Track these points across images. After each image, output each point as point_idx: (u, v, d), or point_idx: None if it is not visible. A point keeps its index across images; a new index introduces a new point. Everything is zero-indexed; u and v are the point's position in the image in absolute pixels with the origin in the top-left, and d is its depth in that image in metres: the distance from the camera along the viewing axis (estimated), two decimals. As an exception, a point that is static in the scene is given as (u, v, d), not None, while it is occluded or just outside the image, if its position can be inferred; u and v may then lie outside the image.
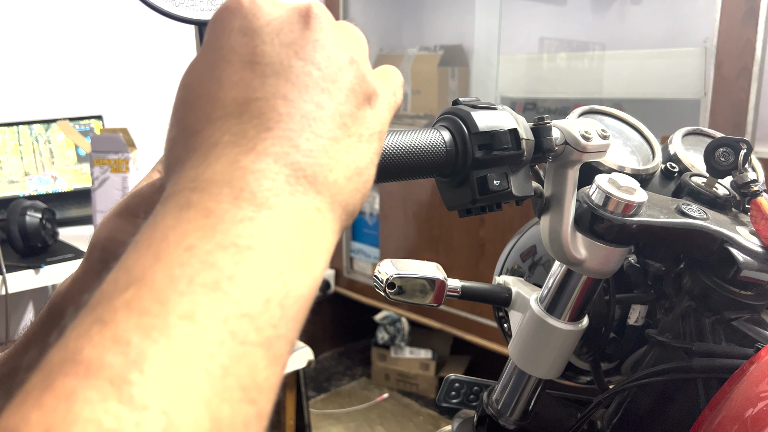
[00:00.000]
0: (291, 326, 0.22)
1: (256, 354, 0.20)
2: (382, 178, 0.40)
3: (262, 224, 0.22)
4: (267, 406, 0.21)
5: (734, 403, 0.46)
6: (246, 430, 0.20)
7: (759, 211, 0.51)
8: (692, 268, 0.54)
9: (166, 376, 0.18)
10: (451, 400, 0.71)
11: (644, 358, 0.58)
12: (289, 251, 0.23)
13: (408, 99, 2.54)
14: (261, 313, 0.21)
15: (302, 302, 0.23)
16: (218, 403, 0.19)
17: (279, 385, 0.22)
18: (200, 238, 0.21)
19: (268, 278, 0.22)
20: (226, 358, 0.19)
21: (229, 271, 0.21)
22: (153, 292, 0.20)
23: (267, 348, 0.21)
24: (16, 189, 1.87)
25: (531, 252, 0.68)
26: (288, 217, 0.23)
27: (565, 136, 0.48)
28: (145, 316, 0.19)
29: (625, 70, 1.98)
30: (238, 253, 0.21)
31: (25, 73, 1.92)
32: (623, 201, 0.49)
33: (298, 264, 0.23)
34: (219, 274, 0.21)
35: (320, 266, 0.25)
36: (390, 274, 0.56)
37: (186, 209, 0.22)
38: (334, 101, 0.26)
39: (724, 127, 1.63)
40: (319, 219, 0.25)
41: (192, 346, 0.19)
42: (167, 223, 0.22)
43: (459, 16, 2.55)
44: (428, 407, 2.53)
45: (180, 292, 0.20)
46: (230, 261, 0.21)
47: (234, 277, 0.21)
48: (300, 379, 2.24)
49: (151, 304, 0.19)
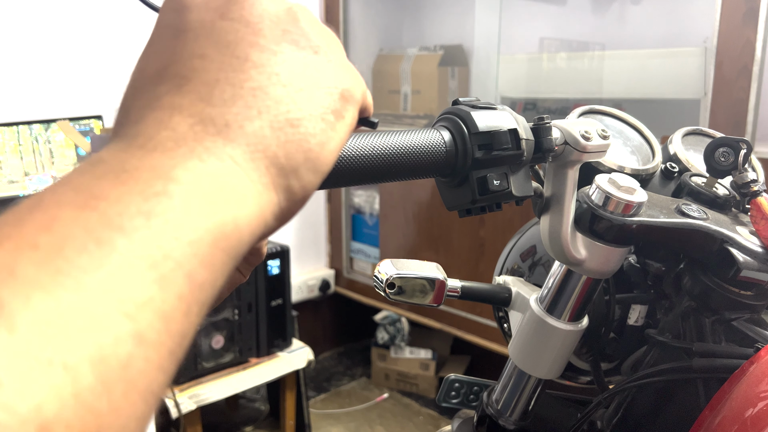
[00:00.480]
0: (185, 272, 0.21)
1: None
2: (382, 179, 0.40)
3: (151, 163, 0.22)
4: (150, 331, 0.20)
5: (734, 403, 0.46)
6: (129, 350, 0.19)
7: (759, 211, 0.51)
8: (692, 268, 0.54)
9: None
10: (451, 400, 0.71)
11: (644, 358, 0.58)
12: (183, 194, 0.22)
13: (408, 99, 2.54)
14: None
15: (195, 249, 0.21)
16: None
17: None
18: (88, 178, 0.21)
19: (153, 220, 0.21)
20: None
21: (106, 197, 0.21)
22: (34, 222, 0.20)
23: (157, 299, 0.20)
24: (16, 189, 1.87)
25: (531, 252, 0.68)
26: (186, 161, 0.23)
27: (565, 136, 0.48)
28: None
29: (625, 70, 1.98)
30: (116, 186, 0.21)
31: (25, 73, 1.92)
32: (623, 201, 0.49)
33: (192, 209, 0.22)
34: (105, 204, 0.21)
35: (228, 216, 0.23)
36: (390, 274, 0.56)
37: (87, 165, 0.23)
38: (265, 53, 0.26)
39: (724, 127, 1.63)
40: (231, 168, 0.24)
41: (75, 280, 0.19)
42: (74, 173, 0.22)
43: (459, 16, 2.55)
44: (428, 407, 2.53)
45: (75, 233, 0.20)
46: (104, 191, 0.21)
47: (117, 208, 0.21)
48: (300, 379, 2.24)
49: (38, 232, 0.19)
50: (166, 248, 0.21)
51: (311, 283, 2.75)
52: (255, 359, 2.07)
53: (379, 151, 0.39)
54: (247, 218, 0.24)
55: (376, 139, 0.39)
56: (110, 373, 0.18)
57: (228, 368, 2.00)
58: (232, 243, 0.23)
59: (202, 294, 0.22)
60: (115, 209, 0.20)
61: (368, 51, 2.68)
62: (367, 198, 2.66)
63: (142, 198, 0.21)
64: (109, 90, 2.05)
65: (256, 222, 0.24)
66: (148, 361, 0.19)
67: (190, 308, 0.21)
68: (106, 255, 0.19)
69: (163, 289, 0.20)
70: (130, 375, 0.19)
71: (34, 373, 0.17)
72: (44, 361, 0.17)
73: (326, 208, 2.82)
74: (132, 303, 0.19)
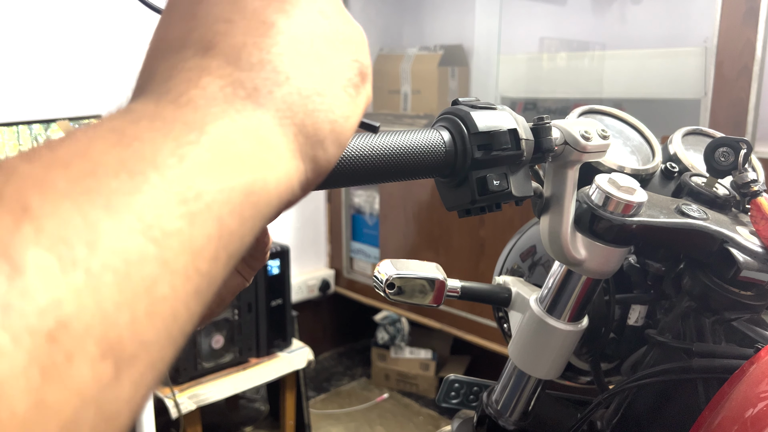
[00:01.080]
0: (205, 228, 0.21)
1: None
2: (382, 179, 0.40)
3: (184, 116, 0.22)
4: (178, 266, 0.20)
5: (734, 403, 0.45)
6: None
7: (759, 211, 0.51)
8: (692, 268, 0.54)
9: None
10: (451, 401, 0.71)
11: (644, 358, 0.58)
12: (216, 146, 0.22)
13: (408, 99, 2.54)
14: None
15: (225, 197, 0.22)
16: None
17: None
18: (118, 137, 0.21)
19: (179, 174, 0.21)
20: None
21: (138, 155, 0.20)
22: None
23: (165, 261, 0.20)
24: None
25: (531, 252, 0.68)
26: (218, 119, 0.23)
27: (565, 136, 0.48)
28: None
29: (625, 70, 1.98)
30: (150, 131, 0.21)
31: (25, 73, 1.92)
32: (623, 201, 0.49)
33: (224, 161, 0.22)
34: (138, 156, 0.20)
35: (258, 174, 0.23)
36: (390, 275, 0.56)
37: (118, 113, 0.23)
38: (291, 19, 0.26)
39: (724, 127, 1.63)
40: (261, 130, 0.24)
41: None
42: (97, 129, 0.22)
43: (459, 16, 2.55)
44: (428, 407, 2.52)
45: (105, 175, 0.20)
46: (138, 133, 0.21)
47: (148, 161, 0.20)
48: (300, 379, 2.24)
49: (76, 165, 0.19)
50: (198, 188, 0.21)
51: (311, 283, 2.75)
52: (255, 359, 2.07)
53: (379, 152, 0.39)
54: (276, 181, 0.24)
55: (376, 139, 0.39)
56: (133, 289, 0.18)
57: (228, 368, 2.00)
58: (261, 201, 0.23)
59: (231, 244, 0.22)
60: (150, 148, 0.21)
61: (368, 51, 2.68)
62: (367, 198, 2.66)
63: (176, 144, 0.21)
64: (109, 90, 2.05)
65: (284, 187, 0.24)
66: (174, 290, 0.19)
67: (218, 253, 0.21)
68: (137, 184, 0.19)
69: (192, 225, 0.20)
70: (154, 296, 0.19)
71: (56, 269, 0.17)
72: (68, 261, 0.17)
73: (326, 208, 2.82)
74: (160, 230, 0.19)
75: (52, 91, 1.97)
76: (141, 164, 0.20)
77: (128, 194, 0.19)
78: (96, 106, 2.01)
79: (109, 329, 0.17)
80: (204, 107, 0.23)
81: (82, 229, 0.18)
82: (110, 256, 0.18)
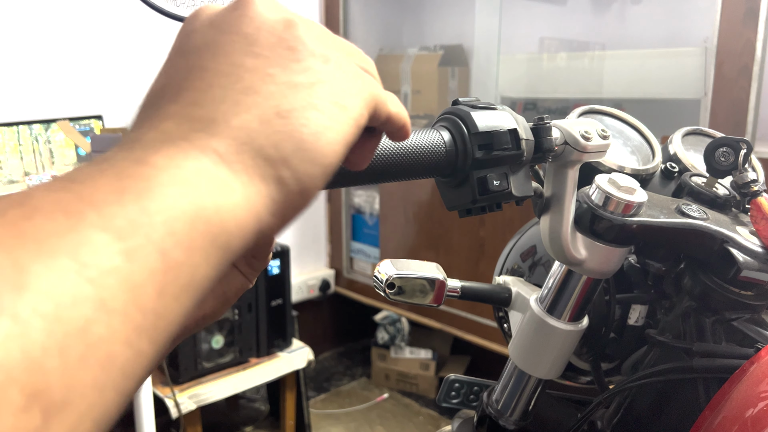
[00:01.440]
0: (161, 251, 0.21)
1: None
2: (382, 179, 0.40)
3: (133, 155, 0.23)
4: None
5: (734, 403, 0.45)
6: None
7: (759, 211, 0.51)
8: (692, 268, 0.54)
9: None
10: (451, 400, 0.71)
11: (644, 358, 0.58)
12: (159, 177, 0.22)
13: (408, 99, 2.54)
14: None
15: (169, 228, 0.22)
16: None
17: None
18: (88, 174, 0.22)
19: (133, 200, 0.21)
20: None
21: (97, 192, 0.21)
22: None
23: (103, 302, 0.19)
24: (15, 189, 1.87)
25: (531, 252, 0.68)
26: (167, 150, 0.23)
27: (565, 136, 0.48)
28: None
29: (625, 70, 1.98)
30: (93, 174, 0.22)
31: (25, 73, 1.92)
32: (623, 201, 0.49)
33: (167, 191, 0.22)
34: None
35: (208, 202, 0.23)
36: (390, 274, 0.56)
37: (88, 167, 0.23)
38: (259, 58, 0.27)
39: (724, 127, 1.63)
40: (214, 158, 0.24)
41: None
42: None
43: (459, 16, 2.55)
44: (428, 407, 2.52)
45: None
46: (81, 176, 0.21)
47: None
48: (300, 379, 2.24)
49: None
50: (136, 222, 0.21)
51: (311, 283, 2.75)
52: (255, 359, 2.07)
53: (379, 152, 0.39)
54: (232, 208, 0.24)
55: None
56: (65, 332, 0.18)
57: (228, 368, 2.00)
58: (214, 230, 0.23)
59: (180, 276, 0.21)
60: (89, 188, 0.21)
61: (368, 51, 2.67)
62: (367, 198, 2.66)
63: (116, 179, 0.21)
64: (109, 90, 2.05)
65: (245, 214, 0.24)
66: (111, 331, 0.19)
67: (164, 287, 0.21)
68: (73, 224, 0.19)
69: (130, 261, 0.20)
70: (88, 340, 0.18)
71: None
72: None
73: (326, 208, 2.82)
74: (96, 269, 0.19)
75: (52, 91, 1.97)
76: (78, 204, 0.20)
77: (62, 235, 0.19)
78: (96, 106, 2.01)
79: (35, 376, 0.17)
80: (153, 143, 0.24)
81: (10, 273, 0.18)
82: (40, 300, 0.18)
